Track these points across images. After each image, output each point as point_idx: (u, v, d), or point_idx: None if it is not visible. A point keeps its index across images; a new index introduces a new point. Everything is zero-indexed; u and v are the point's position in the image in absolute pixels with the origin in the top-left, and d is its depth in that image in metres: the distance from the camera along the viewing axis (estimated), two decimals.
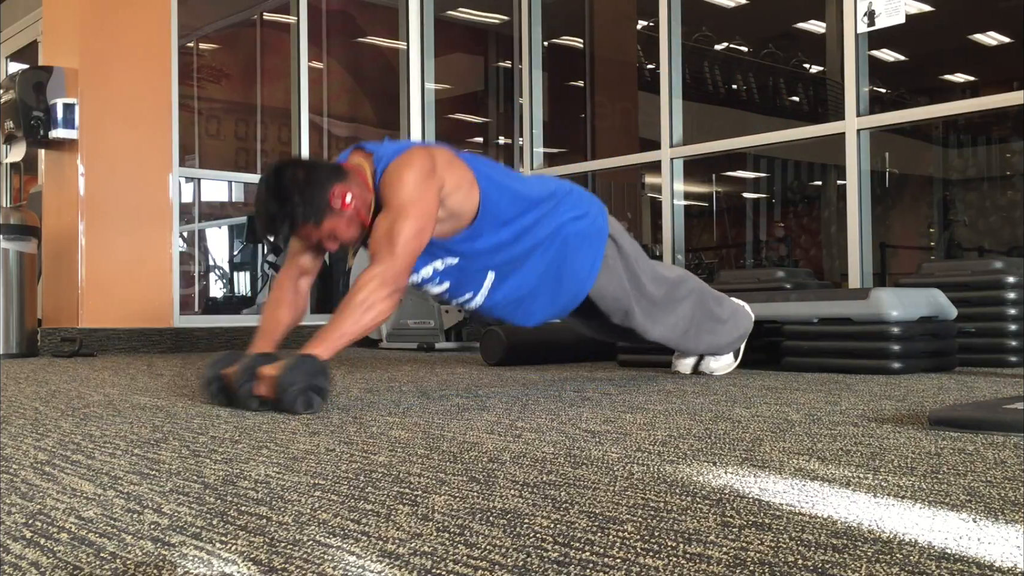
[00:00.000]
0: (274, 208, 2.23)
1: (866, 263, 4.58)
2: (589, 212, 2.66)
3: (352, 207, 2.27)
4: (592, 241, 2.64)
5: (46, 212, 5.80)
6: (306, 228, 2.26)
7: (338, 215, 2.27)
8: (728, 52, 11.09)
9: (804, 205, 11.67)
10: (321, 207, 2.23)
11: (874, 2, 4.51)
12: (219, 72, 9.64)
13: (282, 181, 2.24)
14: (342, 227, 2.29)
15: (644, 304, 2.78)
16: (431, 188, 2.29)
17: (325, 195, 2.24)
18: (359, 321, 2.20)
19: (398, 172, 2.28)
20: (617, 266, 2.71)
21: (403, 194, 2.26)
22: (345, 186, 2.27)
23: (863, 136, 4.58)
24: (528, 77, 6.30)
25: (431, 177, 2.30)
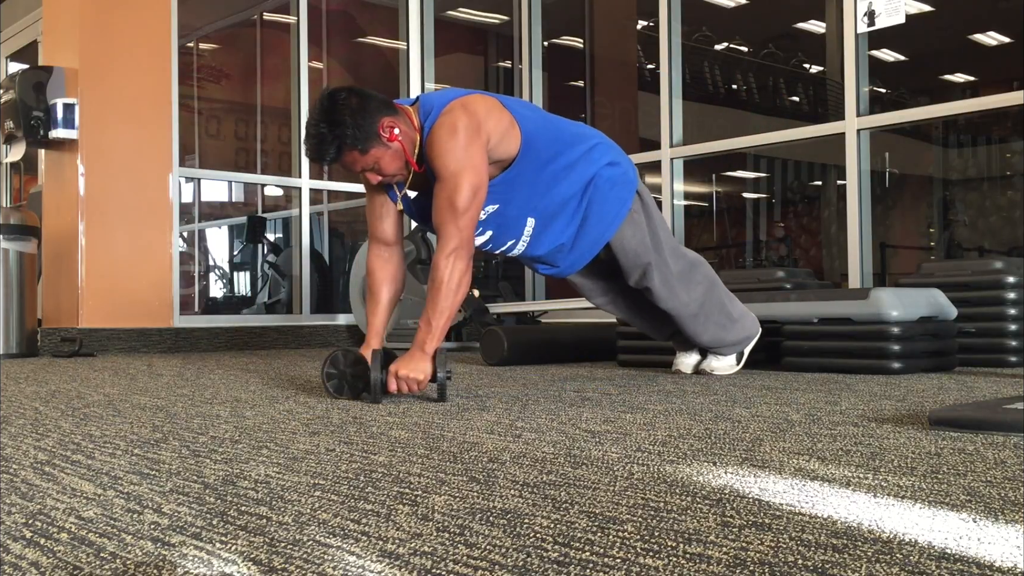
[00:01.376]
0: (324, 129, 2.29)
1: (866, 263, 4.58)
2: (621, 163, 2.73)
3: (399, 140, 2.35)
4: (620, 189, 2.70)
5: (46, 212, 5.80)
6: (352, 154, 2.33)
7: (384, 146, 2.34)
8: (728, 52, 11.09)
9: (804, 205, 11.67)
10: (370, 134, 2.31)
11: (874, 2, 4.51)
12: (219, 72, 9.64)
13: (335, 104, 2.30)
14: (387, 159, 2.36)
15: (663, 268, 2.82)
16: (478, 148, 2.36)
17: (375, 123, 2.31)
18: (455, 299, 2.35)
19: (444, 138, 2.34)
20: (641, 220, 2.76)
21: (452, 162, 2.33)
22: (395, 120, 2.35)
23: (863, 136, 4.58)
24: (528, 77, 6.30)
25: (477, 136, 2.37)
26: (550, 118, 2.67)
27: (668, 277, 2.84)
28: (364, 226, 9.52)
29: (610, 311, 3.18)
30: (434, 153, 2.36)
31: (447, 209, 2.33)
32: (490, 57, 9.58)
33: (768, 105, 11.05)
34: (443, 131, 2.35)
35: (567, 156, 2.59)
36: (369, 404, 2.32)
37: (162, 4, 5.82)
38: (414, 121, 2.42)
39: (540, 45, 6.40)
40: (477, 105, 2.42)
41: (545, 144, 2.53)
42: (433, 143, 2.36)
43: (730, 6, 9.98)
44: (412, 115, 2.43)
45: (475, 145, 2.36)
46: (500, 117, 2.45)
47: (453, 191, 2.33)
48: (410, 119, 2.42)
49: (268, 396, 2.59)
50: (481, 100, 2.45)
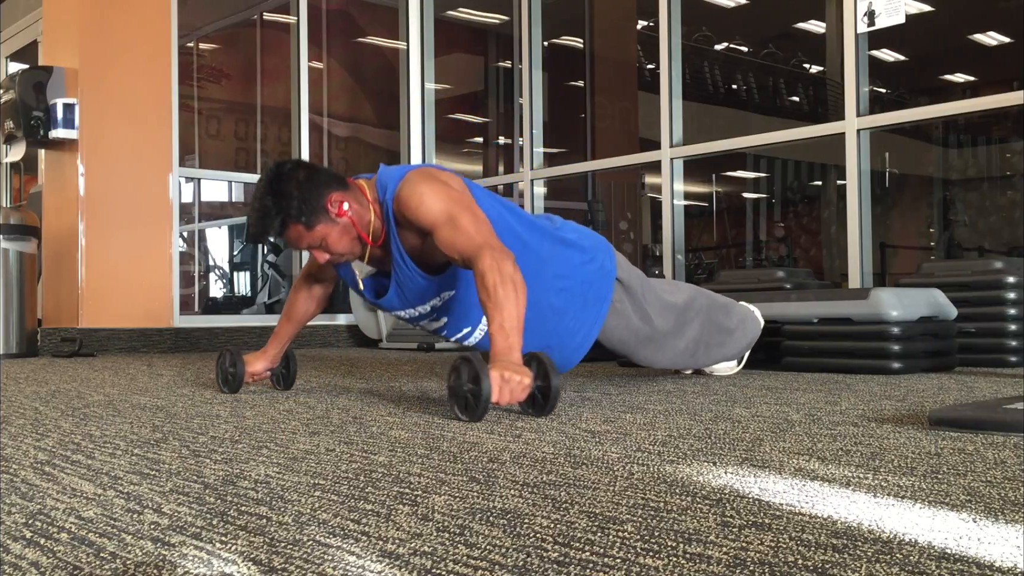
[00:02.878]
0: (268, 202, 2.16)
1: (866, 263, 4.58)
2: (595, 256, 2.55)
3: (348, 217, 2.20)
4: (599, 287, 2.54)
5: (46, 212, 5.80)
6: (297, 228, 2.18)
7: (332, 222, 2.19)
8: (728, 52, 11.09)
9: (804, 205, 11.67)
10: (316, 209, 2.17)
11: (874, 2, 4.51)
12: (219, 72, 9.64)
13: (280, 176, 2.19)
14: (334, 236, 2.21)
15: (653, 339, 2.72)
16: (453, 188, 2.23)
17: (322, 198, 2.18)
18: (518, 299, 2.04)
19: (415, 191, 2.20)
20: (626, 309, 2.62)
21: (435, 204, 2.18)
22: (344, 195, 2.21)
23: (863, 136, 4.58)
24: (528, 77, 6.30)
25: (445, 183, 2.24)
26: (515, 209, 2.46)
27: (659, 343, 2.75)
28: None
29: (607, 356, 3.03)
30: (412, 209, 2.19)
31: (458, 236, 2.13)
32: (490, 57, 9.58)
33: (768, 105, 11.06)
34: (412, 187, 2.21)
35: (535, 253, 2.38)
36: (367, 404, 2.32)
37: (162, 4, 5.82)
38: (367, 195, 2.27)
39: (540, 45, 6.40)
40: (433, 171, 2.30)
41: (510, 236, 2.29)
42: (407, 201, 2.20)
43: (730, 6, 9.98)
44: (366, 190, 2.29)
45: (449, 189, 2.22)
46: (463, 186, 2.29)
47: (452, 222, 2.15)
48: (364, 194, 2.27)
49: (268, 396, 2.59)
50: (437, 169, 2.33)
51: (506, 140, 9.47)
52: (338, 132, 8.97)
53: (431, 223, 2.18)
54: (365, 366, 4.02)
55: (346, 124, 9.19)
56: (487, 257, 2.06)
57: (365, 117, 9.48)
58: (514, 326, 2.03)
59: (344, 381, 3.14)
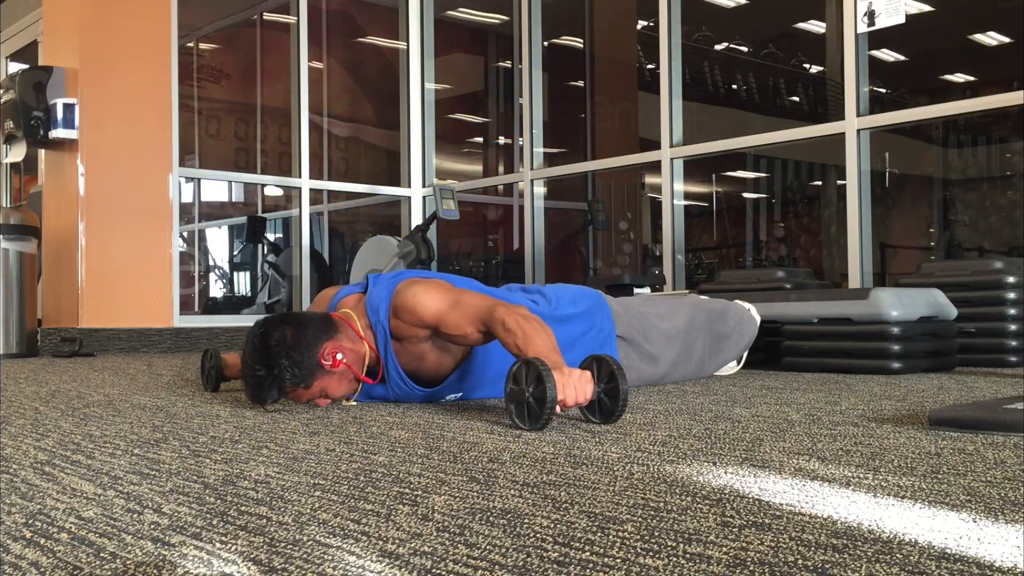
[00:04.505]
0: (261, 372, 2.09)
1: (866, 263, 4.58)
2: (594, 322, 2.53)
3: (343, 364, 2.15)
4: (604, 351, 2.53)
5: (46, 212, 5.80)
6: (296, 391, 2.13)
7: (328, 374, 2.14)
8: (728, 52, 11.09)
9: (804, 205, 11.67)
10: (310, 369, 2.11)
11: (874, 2, 4.51)
12: (219, 72, 9.65)
13: (268, 343, 2.09)
14: (333, 385, 2.17)
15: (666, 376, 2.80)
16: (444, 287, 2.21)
17: (315, 356, 2.11)
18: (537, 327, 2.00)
19: (411, 295, 2.17)
20: (632, 362, 2.64)
21: (434, 298, 2.16)
22: (335, 343, 2.15)
23: (863, 136, 4.58)
24: (528, 77, 6.30)
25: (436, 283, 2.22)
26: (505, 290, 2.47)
27: (671, 374, 2.83)
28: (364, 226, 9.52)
29: None
30: (412, 313, 2.17)
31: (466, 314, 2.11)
32: (490, 57, 9.58)
33: (768, 105, 11.06)
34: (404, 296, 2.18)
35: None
36: (366, 404, 2.32)
37: (162, 4, 5.82)
38: (358, 330, 2.22)
39: (540, 45, 6.40)
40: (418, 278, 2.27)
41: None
42: (404, 308, 2.17)
43: (730, 6, 9.98)
44: (355, 320, 2.24)
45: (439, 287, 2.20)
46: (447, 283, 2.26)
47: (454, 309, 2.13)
48: (353, 328, 2.22)
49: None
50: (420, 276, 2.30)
51: (506, 140, 9.47)
52: (338, 132, 8.97)
53: (436, 316, 2.15)
54: None
55: (346, 124, 9.20)
56: (501, 309, 2.05)
57: (365, 117, 9.49)
58: (552, 347, 1.97)
59: None
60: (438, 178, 7.15)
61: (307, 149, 6.61)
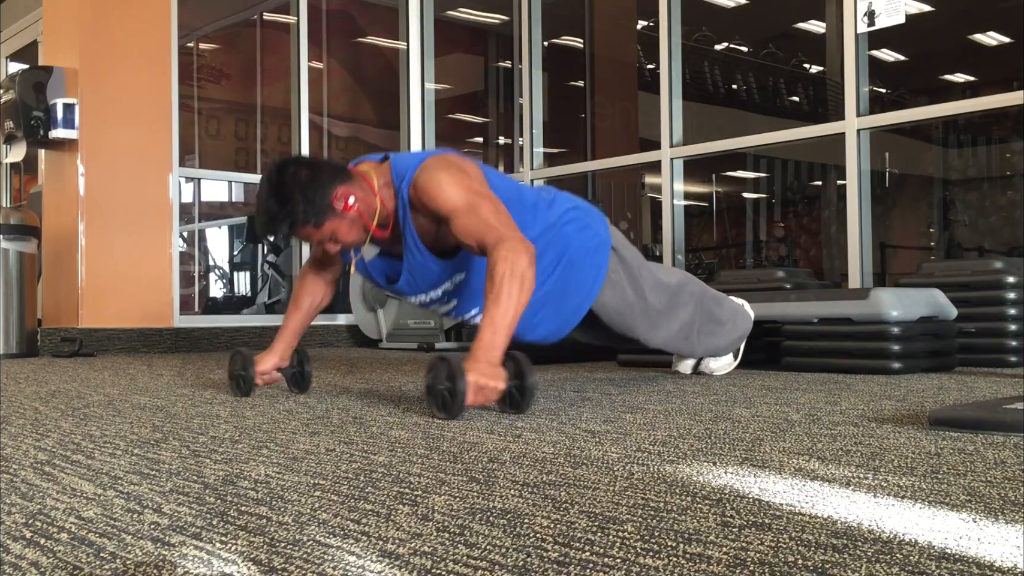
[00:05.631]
0: (274, 207, 2.17)
1: (866, 263, 4.58)
2: (591, 224, 2.58)
3: (355, 209, 2.22)
4: (595, 255, 2.56)
5: (46, 212, 5.80)
6: (306, 229, 2.21)
7: (340, 217, 2.21)
8: (728, 52, 11.09)
9: (804, 205, 11.67)
10: (323, 208, 2.18)
11: (874, 2, 4.51)
12: (219, 72, 9.64)
13: (284, 179, 2.18)
14: (343, 229, 2.23)
15: (648, 314, 2.72)
16: (472, 177, 2.26)
17: (327, 195, 2.18)
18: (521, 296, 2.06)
19: (434, 179, 2.21)
20: (621, 279, 2.63)
21: (454, 193, 2.19)
22: (349, 188, 2.22)
23: (863, 136, 4.58)
24: (528, 77, 6.30)
25: (464, 170, 2.26)
26: (520, 187, 2.51)
27: (654, 319, 2.76)
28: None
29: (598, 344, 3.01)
30: (431, 197, 2.21)
31: (477, 225, 2.15)
32: (490, 57, 9.58)
33: (768, 105, 11.06)
34: (430, 175, 2.22)
35: (540, 225, 2.42)
36: (366, 404, 2.32)
37: (162, 4, 5.82)
38: (372, 186, 2.28)
39: (540, 45, 6.40)
40: (452, 157, 2.32)
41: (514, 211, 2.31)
42: (425, 189, 2.22)
43: (730, 6, 9.98)
44: (373, 176, 2.29)
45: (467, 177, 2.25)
46: (480, 173, 2.33)
47: (472, 210, 2.16)
48: (368, 183, 2.28)
49: (268, 396, 2.58)
50: (455, 155, 2.34)
51: (506, 140, 9.47)
52: (338, 132, 8.97)
53: (449, 210, 2.18)
54: (365, 366, 4.02)
55: (346, 124, 9.19)
56: (503, 248, 2.07)
57: (365, 117, 9.48)
58: (506, 324, 2.03)
59: (344, 381, 3.14)
60: None
61: (307, 149, 6.60)
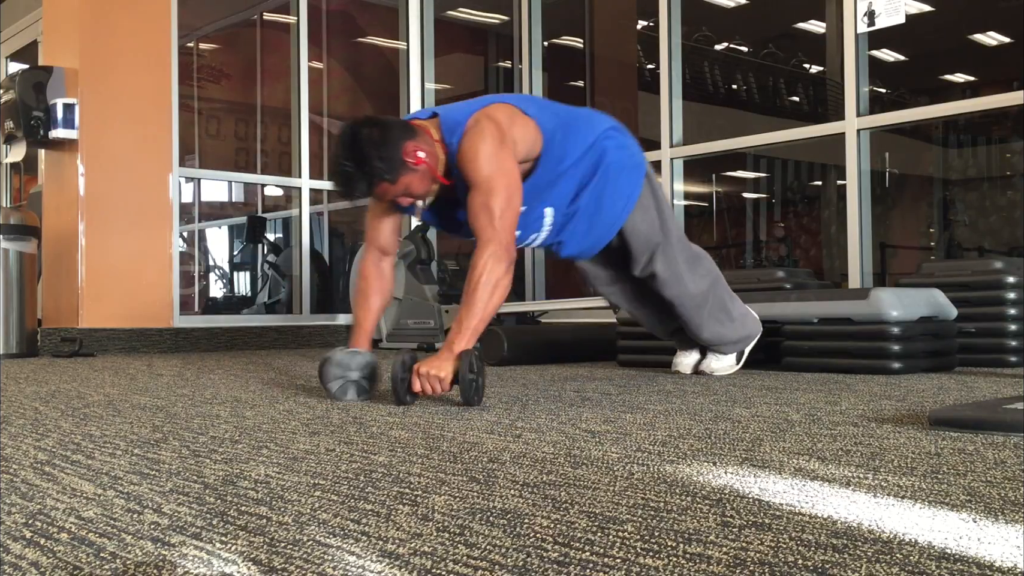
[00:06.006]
0: (350, 168, 2.33)
1: (866, 263, 4.58)
2: (629, 145, 2.77)
3: (424, 162, 2.38)
4: (631, 174, 2.74)
5: (46, 212, 5.80)
6: (383, 185, 2.37)
7: (412, 171, 2.37)
8: (728, 52, 11.09)
9: (804, 205, 11.67)
10: (396, 164, 2.34)
11: (874, 2, 4.51)
12: (219, 72, 9.64)
13: (358, 140, 2.33)
14: (416, 182, 2.40)
15: (669, 252, 2.86)
16: (508, 155, 2.41)
17: (399, 152, 2.33)
18: (490, 302, 2.31)
19: (473, 147, 2.38)
20: (650, 205, 2.81)
21: (484, 169, 2.36)
22: (417, 143, 2.38)
23: (863, 136, 4.58)
24: (528, 77, 6.30)
25: (504, 144, 2.41)
26: (560, 111, 2.69)
27: (674, 263, 2.88)
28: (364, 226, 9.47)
29: (615, 301, 3.19)
30: (466, 163, 2.39)
31: (483, 214, 2.35)
32: (490, 57, 9.57)
33: (768, 105, 11.05)
34: (472, 142, 2.39)
35: (581, 147, 2.64)
36: (366, 404, 2.32)
37: (162, 4, 5.82)
38: (433, 136, 2.45)
39: (540, 45, 6.40)
40: (500, 115, 2.45)
41: (561, 140, 2.58)
42: (464, 154, 2.40)
43: (730, 6, 9.98)
44: (431, 130, 2.46)
45: (504, 151, 2.40)
46: (524, 124, 2.49)
47: (488, 195, 2.36)
48: (429, 135, 2.45)
49: (268, 396, 2.59)
50: (503, 109, 2.48)
51: None
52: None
53: (473, 182, 2.39)
54: None
55: None
56: (488, 250, 2.31)
57: None
58: (471, 327, 2.29)
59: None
60: None
61: (307, 149, 6.61)
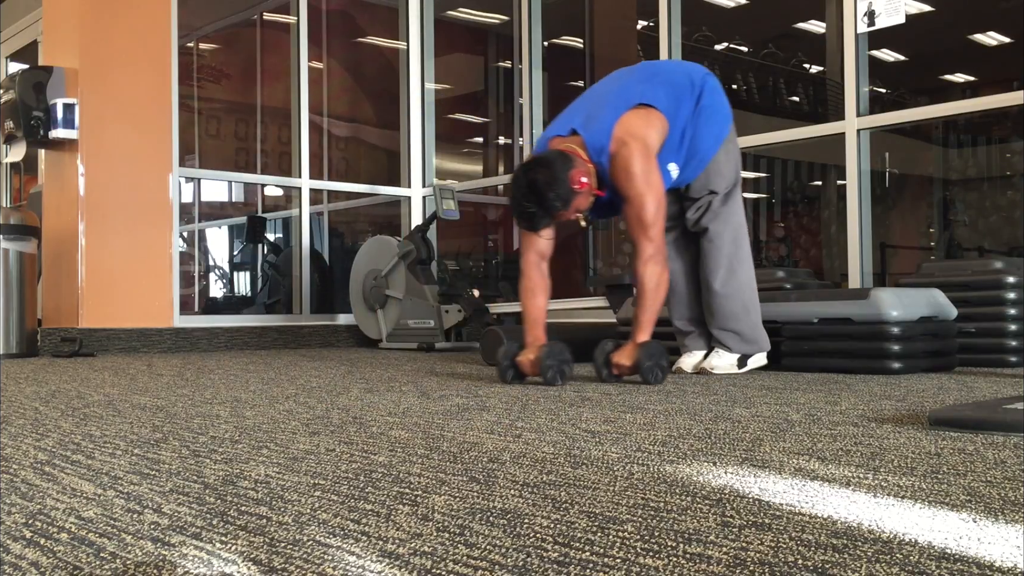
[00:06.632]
0: (533, 209, 2.79)
1: (866, 263, 4.58)
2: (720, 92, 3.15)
3: (587, 185, 2.82)
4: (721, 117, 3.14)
5: (46, 212, 5.80)
6: (560, 215, 2.83)
7: (578, 194, 2.82)
8: (728, 52, 11.08)
9: (804, 205, 11.66)
10: (567, 195, 2.79)
11: (874, 2, 4.51)
12: (219, 72, 9.64)
13: (535, 185, 2.77)
14: (581, 201, 2.85)
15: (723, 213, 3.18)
16: (653, 167, 2.86)
17: (568, 184, 2.78)
18: (657, 298, 2.89)
19: (625, 169, 2.83)
20: (732, 149, 3.21)
21: (636, 187, 2.83)
22: (577, 170, 2.80)
23: (863, 136, 4.58)
24: (528, 77, 6.30)
25: (650, 159, 2.86)
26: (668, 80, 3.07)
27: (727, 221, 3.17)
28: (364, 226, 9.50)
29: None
30: (619, 181, 2.85)
31: (638, 226, 2.85)
32: (490, 57, 9.57)
33: (768, 105, 11.04)
34: (623, 163, 2.83)
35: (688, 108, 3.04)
36: (366, 404, 2.32)
37: (162, 4, 5.82)
38: (583, 157, 2.86)
39: (540, 45, 6.40)
40: (638, 129, 2.86)
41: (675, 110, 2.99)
42: (616, 174, 2.85)
43: (730, 6, 9.98)
44: (579, 151, 2.87)
45: (650, 166, 2.85)
46: (655, 122, 2.91)
47: (640, 210, 2.83)
48: (580, 157, 2.85)
49: (268, 396, 2.59)
50: (637, 121, 2.88)
51: (506, 140, 9.47)
52: (338, 132, 8.96)
53: (627, 196, 2.86)
54: (365, 366, 4.02)
55: (346, 124, 9.19)
56: (646, 255, 2.87)
57: (365, 117, 9.48)
58: (648, 319, 2.89)
59: (344, 381, 3.14)
60: (438, 178, 7.15)
61: (307, 149, 6.60)
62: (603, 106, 2.94)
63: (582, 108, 3.04)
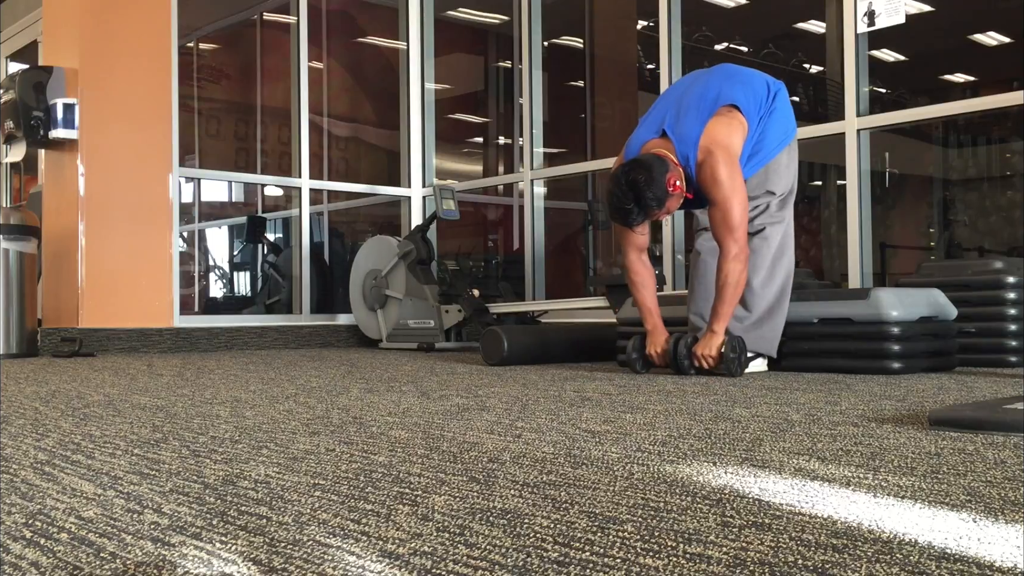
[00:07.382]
0: (630, 207, 3.02)
1: (866, 263, 4.58)
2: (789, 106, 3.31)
3: (680, 188, 3.04)
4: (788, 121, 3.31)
5: (46, 212, 5.80)
6: (655, 213, 3.05)
7: (671, 196, 3.03)
8: (728, 52, 11.08)
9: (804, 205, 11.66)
10: (663, 196, 3.01)
11: (874, 2, 4.51)
12: (219, 72, 9.64)
13: (635, 185, 2.98)
14: (673, 203, 3.08)
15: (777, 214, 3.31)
16: (737, 173, 3.06)
17: (664, 186, 3.00)
18: (736, 294, 3.09)
19: (712, 176, 3.04)
20: (794, 157, 3.36)
21: (721, 193, 3.03)
22: (671, 173, 3.03)
23: (863, 136, 4.58)
24: (528, 77, 6.30)
25: (734, 166, 3.05)
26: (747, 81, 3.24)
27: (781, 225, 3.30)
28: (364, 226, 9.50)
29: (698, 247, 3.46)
30: (706, 186, 3.06)
31: (725, 228, 3.05)
32: (490, 57, 9.57)
33: None
34: (711, 170, 3.03)
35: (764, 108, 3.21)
36: (365, 404, 2.32)
37: (162, 4, 5.82)
38: (674, 161, 3.06)
39: (540, 45, 6.40)
40: (723, 137, 3.06)
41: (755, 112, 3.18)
42: (703, 179, 3.06)
43: (730, 6, 9.98)
44: (670, 155, 3.07)
45: (734, 171, 3.04)
46: (739, 127, 3.10)
47: (727, 214, 3.03)
48: (672, 161, 3.06)
49: (268, 396, 2.59)
50: (724, 129, 3.07)
51: (506, 140, 9.47)
52: (338, 132, 8.96)
53: (713, 200, 3.06)
54: (365, 366, 4.02)
55: (346, 124, 9.18)
56: (732, 254, 3.05)
57: (365, 117, 9.48)
58: (727, 313, 3.10)
59: (344, 381, 3.14)
60: (438, 178, 7.15)
61: (307, 149, 6.60)
62: (688, 109, 3.14)
63: (667, 109, 3.23)
